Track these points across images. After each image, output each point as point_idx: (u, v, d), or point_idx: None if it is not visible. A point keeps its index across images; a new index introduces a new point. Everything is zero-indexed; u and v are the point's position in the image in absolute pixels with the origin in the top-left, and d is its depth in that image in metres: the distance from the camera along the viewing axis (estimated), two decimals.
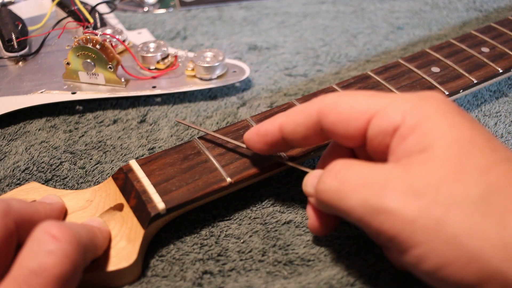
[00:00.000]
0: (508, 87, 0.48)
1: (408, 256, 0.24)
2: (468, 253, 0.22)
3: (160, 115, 0.45)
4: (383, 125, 0.26)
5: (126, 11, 0.62)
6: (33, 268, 0.24)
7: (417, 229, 0.23)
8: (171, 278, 0.31)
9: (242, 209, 0.36)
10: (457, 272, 0.22)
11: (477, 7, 0.62)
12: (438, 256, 0.23)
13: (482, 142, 0.25)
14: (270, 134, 0.31)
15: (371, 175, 0.25)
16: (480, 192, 0.23)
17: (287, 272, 0.32)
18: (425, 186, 0.24)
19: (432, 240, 0.23)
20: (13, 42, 0.49)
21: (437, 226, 0.23)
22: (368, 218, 0.25)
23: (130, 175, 0.33)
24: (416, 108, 0.26)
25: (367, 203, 0.25)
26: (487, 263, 0.22)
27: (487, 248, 0.22)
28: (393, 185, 0.24)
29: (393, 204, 0.24)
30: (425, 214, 0.23)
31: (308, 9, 0.62)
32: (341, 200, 0.26)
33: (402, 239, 0.24)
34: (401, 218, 0.23)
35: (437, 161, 0.24)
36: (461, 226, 0.22)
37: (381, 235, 0.25)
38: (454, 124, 0.25)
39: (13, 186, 0.38)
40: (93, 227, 0.30)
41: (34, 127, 0.43)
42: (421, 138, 0.25)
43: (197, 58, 0.47)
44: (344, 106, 0.28)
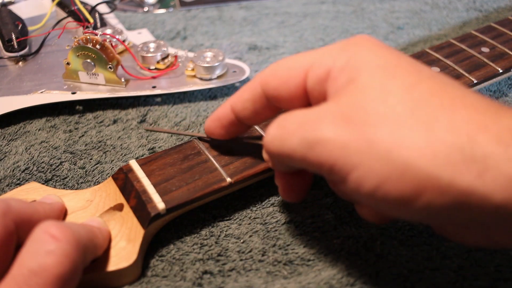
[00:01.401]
0: (508, 87, 0.48)
1: (348, 183, 0.24)
2: (401, 165, 0.22)
3: (160, 115, 0.45)
4: (317, 74, 0.28)
5: (126, 11, 0.62)
6: (33, 268, 0.24)
7: (351, 153, 0.24)
8: (171, 278, 0.31)
9: (242, 209, 0.36)
10: (394, 186, 0.23)
11: (477, 7, 0.62)
12: (374, 174, 0.23)
13: (406, 64, 0.26)
14: (224, 117, 0.33)
15: (307, 115, 0.26)
16: (406, 107, 0.24)
17: (287, 272, 0.32)
18: (354, 111, 0.24)
19: (366, 160, 0.23)
20: (13, 42, 0.49)
21: (368, 145, 0.23)
22: (307, 154, 0.25)
23: (130, 175, 0.33)
24: (344, 50, 0.27)
25: (304, 139, 0.25)
26: (420, 171, 0.22)
27: (417, 157, 0.22)
28: (325, 117, 0.25)
29: (325, 133, 0.25)
30: (356, 136, 0.24)
31: (308, 9, 0.62)
32: (283, 145, 0.27)
33: (339, 166, 0.24)
34: (335, 145, 0.24)
35: (363, 86, 0.25)
36: (391, 140, 0.23)
37: (322, 167, 0.25)
38: (378, 54, 0.26)
39: (13, 186, 0.38)
40: (93, 227, 0.30)
41: (34, 127, 0.43)
42: (349, 73, 0.26)
43: (197, 58, 0.47)
44: (281, 70, 0.29)
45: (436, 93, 0.24)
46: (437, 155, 0.22)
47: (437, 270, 0.31)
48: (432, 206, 0.22)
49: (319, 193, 0.37)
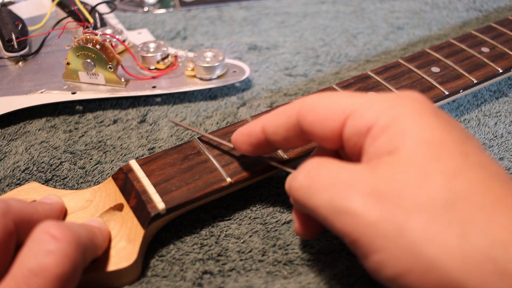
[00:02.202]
0: (508, 87, 0.48)
1: (369, 262, 0.23)
2: (427, 262, 0.21)
3: (160, 115, 0.45)
4: (357, 125, 0.26)
5: (126, 11, 0.62)
6: (33, 268, 0.24)
7: (378, 234, 0.22)
8: (171, 278, 0.31)
9: (242, 209, 0.36)
10: (416, 281, 0.22)
11: (477, 7, 0.62)
12: (398, 263, 0.22)
13: (454, 145, 0.24)
14: (254, 135, 0.31)
15: (339, 175, 0.25)
16: (444, 199, 0.22)
17: (287, 272, 0.32)
18: (389, 189, 0.23)
19: (392, 246, 0.22)
20: (13, 42, 0.49)
21: (397, 232, 0.22)
22: (332, 218, 0.24)
23: (130, 175, 0.33)
24: (390, 108, 0.26)
25: (332, 203, 0.24)
26: (446, 273, 0.21)
27: (446, 258, 0.21)
28: (358, 186, 0.24)
29: (355, 205, 0.23)
30: (387, 218, 0.22)
31: (308, 9, 0.62)
32: (309, 198, 0.26)
33: (363, 242, 0.23)
34: (363, 221, 0.23)
35: (404, 163, 0.24)
36: (422, 233, 0.22)
37: (345, 237, 0.24)
38: (426, 125, 0.25)
39: (13, 186, 0.38)
40: (93, 227, 0.30)
41: (34, 127, 0.43)
42: (391, 139, 0.24)
43: (197, 58, 0.47)
44: (321, 107, 0.28)
45: (479, 188, 0.23)
46: (468, 260, 0.21)
47: None
48: None
49: None
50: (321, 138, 0.28)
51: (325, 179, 0.25)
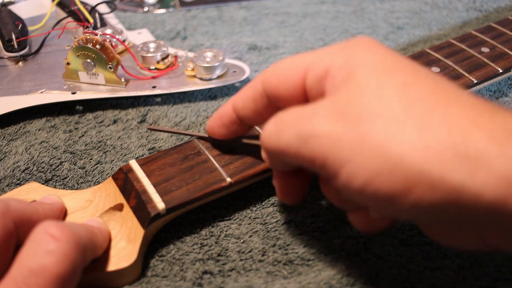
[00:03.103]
0: (508, 87, 0.48)
1: (339, 179, 0.24)
2: (392, 160, 0.22)
3: (160, 115, 0.45)
4: (316, 73, 0.28)
5: (126, 11, 0.62)
6: (33, 268, 0.24)
7: (343, 147, 0.24)
8: (171, 278, 0.31)
9: (242, 209, 0.36)
10: (384, 182, 0.23)
11: (477, 7, 0.62)
12: (365, 169, 0.23)
13: (403, 64, 0.26)
14: (225, 115, 0.33)
15: (303, 111, 0.26)
16: (401, 104, 0.24)
17: (287, 272, 0.32)
18: (348, 107, 0.25)
19: (358, 154, 0.23)
20: (13, 42, 0.49)
21: (361, 140, 0.23)
22: (301, 149, 0.25)
23: (130, 175, 0.33)
24: (343, 49, 0.28)
25: (299, 134, 0.26)
26: (411, 167, 0.22)
27: (409, 152, 0.22)
28: (320, 112, 0.25)
29: (319, 127, 0.25)
30: (349, 131, 0.24)
31: (308, 9, 0.62)
32: (278, 141, 0.27)
33: (331, 160, 0.24)
34: (328, 139, 0.24)
35: (360, 83, 0.25)
36: (383, 135, 0.23)
37: (315, 162, 0.25)
38: (377, 53, 0.27)
39: (13, 186, 0.38)
40: (92, 227, 0.30)
41: (34, 127, 0.43)
42: (346, 71, 0.26)
43: (197, 58, 0.47)
44: (281, 69, 0.29)
45: (432, 91, 0.24)
46: (429, 151, 0.22)
47: (437, 270, 0.31)
48: (422, 203, 0.22)
49: (319, 193, 0.37)
50: (287, 98, 0.29)
51: (290, 118, 0.27)
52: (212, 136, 0.35)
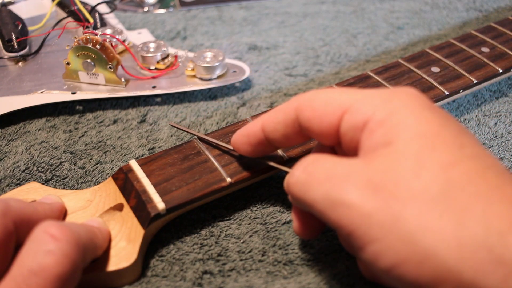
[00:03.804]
0: (508, 87, 0.48)
1: (365, 253, 0.23)
2: (422, 251, 0.21)
3: (160, 115, 0.45)
4: (354, 120, 0.26)
5: (126, 11, 0.62)
6: (33, 268, 0.24)
7: (373, 224, 0.23)
8: (171, 278, 0.31)
9: (242, 209, 0.36)
10: (412, 270, 0.22)
11: (477, 7, 0.62)
12: (393, 254, 0.22)
13: (449, 137, 0.24)
14: (253, 135, 0.31)
15: (336, 168, 0.25)
16: (440, 189, 0.22)
17: (287, 272, 0.32)
18: (384, 181, 0.23)
19: (388, 236, 0.22)
20: (13, 42, 0.49)
21: (393, 222, 0.22)
22: (328, 211, 0.24)
23: (130, 175, 0.33)
24: (387, 102, 0.26)
25: (328, 196, 0.24)
26: (441, 263, 0.21)
27: (442, 247, 0.21)
28: (353, 179, 0.24)
29: (351, 197, 0.23)
30: (382, 209, 0.23)
31: (308, 9, 0.62)
32: (306, 193, 0.26)
33: (359, 234, 0.23)
34: (358, 212, 0.23)
35: (399, 154, 0.24)
36: (417, 222, 0.22)
37: (341, 229, 0.24)
38: (421, 118, 0.25)
39: (13, 186, 0.38)
40: (92, 227, 0.30)
41: (34, 127, 0.43)
42: (387, 132, 0.25)
43: (197, 58, 0.47)
44: (319, 102, 0.28)
45: (474, 178, 0.23)
46: (463, 249, 0.21)
47: None
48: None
49: None
50: (318, 133, 0.28)
51: (322, 173, 0.25)
52: (236, 151, 0.33)
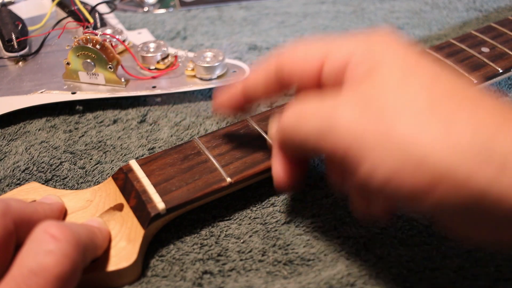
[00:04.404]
0: (508, 87, 0.48)
1: (360, 172, 0.24)
2: (415, 157, 0.22)
3: (160, 115, 0.45)
4: (335, 63, 0.28)
5: (126, 11, 0.62)
6: (33, 268, 0.24)
7: (366, 141, 0.23)
8: (171, 278, 0.31)
9: (242, 209, 0.36)
10: (406, 178, 0.22)
11: (477, 7, 0.62)
12: (388, 165, 0.23)
13: (426, 64, 0.26)
14: (234, 97, 0.34)
15: (324, 103, 0.26)
16: (426, 101, 0.23)
17: (287, 272, 0.32)
18: (372, 100, 0.24)
19: (380, 149, 0.23)
20: (13, 42, 0.49)
21: (384, 135, 0.23)
22: (322, 141, 0.26)
23: (130, 175, 0.33)
24: (364, 41, 0.27)
25: (320, 126, 0.26)
26: (435, 165, 0.22)
27: (434, 150, 0.22)
28: (342, 106, 0.25)
29: (342, 120, 0.25)
30: (373, 125, 0.24)
31: (308, 9, 0.62)
32: (298, 130, 0.27)
33: (353, 154, 0.24)
34: (351, 133, 0.24)
35: (383, 77, 0.25)
36: (408, 132, 0.23)
37: (336, 154, 0.25)
38: (399, 51, 0.26)
39: (13, 186, 0.38)
40: (92, 227, 0.30)
41: (34, 127, 0.43)
42: (369, 64, 0.26)
43: (197, 58, 0.47)
44: (298, 55, 0.29)
45: (456, 92, 0.24)
46: (456, 149, 0.22)
47: (437, 270, 0.31)
48: (445, 201, 0.22)
49: (319, 193, 0.37)
50: (301, 84, 0.30)
51: (311, 109, 0.27)
52: (217, 111, 0.35)
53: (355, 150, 0.24)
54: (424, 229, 0.34)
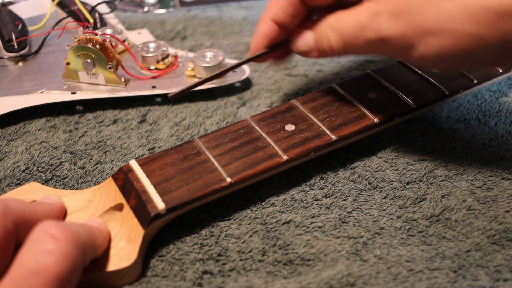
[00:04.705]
0: (508, 87, 0.48)
1: (413, 58, 0.32)
2: (451, 32, 0.30)
3: (160, 115, 0.45)
4: None
5: (126, 11, 0.62)
6: (32, 267, 0.24)
7: (410, 38, 0.31)
8: (171, 278, 0.31)
9: (242, 209, 0.36)
10: (451, 47, 0.31)
11: None
12: (433, 47, 0.31)
13: None
14: (268, 31, 0.38)
15: (361, 19, 0.33)
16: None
17: (287, 272, 0.32)
18: (400, 7, 0.31)
19: (424, 38, 0.31)
20: (13, 42, 0.49)
21: (420, 28, 0.31)
22: (375, 50, 0.34)
23: (130, 175, 0.33)
24: None
25: (369, 42, 0.33)
26: (469, 27, 0.29)
27: (459, 21, 0.29)
28: (380, 18, 0.32)
29: (387, 32, 0.32)
30: (409, 25, 0.31)
31: None
32: (347, 49, 0.34)
33: (403, 49, 0.32)
34: (397, 38, 0.32)
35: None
36: (435, 18, 0.30)
37: (388, 54, 0.35)
38: None
39: (13, 186, 0.38)
40: (92, 227, 0.30)
41: (34, 127, 0.43)
42: None
43: (197, 58, 0.47)
44: None
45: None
46: (470, 12, 0.29)
47: (437, 270, 0.31)
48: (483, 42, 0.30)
49: (319, 193, 0.37)
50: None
51: (353, 28, 0.33)
52: (256, 52, 0.39)
53: (404, 46, 0.32)
54: (424, 229, 0.34)
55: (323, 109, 0.39)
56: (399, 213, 0.35)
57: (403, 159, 0.39)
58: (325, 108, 0.39)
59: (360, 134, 0.38)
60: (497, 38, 0.29)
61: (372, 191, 0.37)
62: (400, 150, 0.40)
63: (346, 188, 0.37)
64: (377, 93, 0.40)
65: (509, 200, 0.36)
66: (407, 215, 0.35)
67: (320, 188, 0.37)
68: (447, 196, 0.36)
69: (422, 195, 0.36)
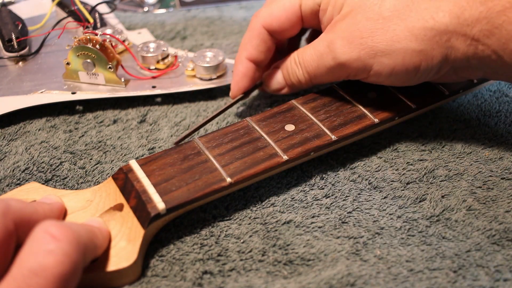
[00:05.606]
0: (508, 87, 0.48)
1: (370, 78, 0.36)
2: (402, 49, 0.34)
3: (160, 115, 0.45)
4: (309, 6, 0.38)
5: (126, 11, 0.62)
6: (33, 267, 0.24)
7: (366, 60, 0.35)
8: (171, 278, 0.31)
9: (242, 209, 0.36)
10: (404, 66, 0.34)
11: None
12: (387, 65, 0.35)
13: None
14: (246, 70, 0.42)
15: (318, 49, 0.37)
16: (385, 12, 0.34)
17: (287, 272, 0.32)
18: (351, 33, 0.35)
19: (378, 59, 0.34)
20: (13, 42, 0.49)
21: (372, 50, 0.34)
22: (337, 75, 0.37)
23: (130, 175, 0.33)
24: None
25: (328, 68, 0.37)
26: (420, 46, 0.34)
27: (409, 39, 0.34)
28: (335, 46, 0.35)
29: (343, 58, 0.35)
30: (362, 49, 0.35)
31: None
32: (313, 80, 0.39)
33: (360, 70, 0.36)
34: (353, 62, 0.35)
35: (349, 13, 0.35)
36: (386, 40, 0.34)
37: (349, 76, 0.37)
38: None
39: (13, 186, 0.38)
40: (92, 227, 0.30)
41: (34, 127, 0.43)
42: (335, 4, 0.36)
43: (197, 58, 0.47)
44: (278, 12, 0.39)
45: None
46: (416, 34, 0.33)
47: (437, 270, 0.31)
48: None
49: (319, 193, 0.37)
50: (289, 30, 0.40)
51: (312, 59, 0.38)
52: (237, 95, 0.42)
53: (361, 68, 0.35)
54: (424, 229, 0.34)
55: (323, 109, 0.39)
56: (399, 213, 0.35)
57: (403, 159, 0.39)
58: (325, 108, 0.39)
59: (360, 134, 0.38)
60: (439, 53, 0.33)
61: (372, 191, 0.37)
62: (400, 150, 0.40)
63: (346, 188, 0.37)
64: (377, 93, 0.40)
65: (509, 200, 0.36)
66: (407, 215, 0.35)
67: (320, 188, 0.37)
68: (447, 196, 0.36)
69: (422, 195, 0.36)
